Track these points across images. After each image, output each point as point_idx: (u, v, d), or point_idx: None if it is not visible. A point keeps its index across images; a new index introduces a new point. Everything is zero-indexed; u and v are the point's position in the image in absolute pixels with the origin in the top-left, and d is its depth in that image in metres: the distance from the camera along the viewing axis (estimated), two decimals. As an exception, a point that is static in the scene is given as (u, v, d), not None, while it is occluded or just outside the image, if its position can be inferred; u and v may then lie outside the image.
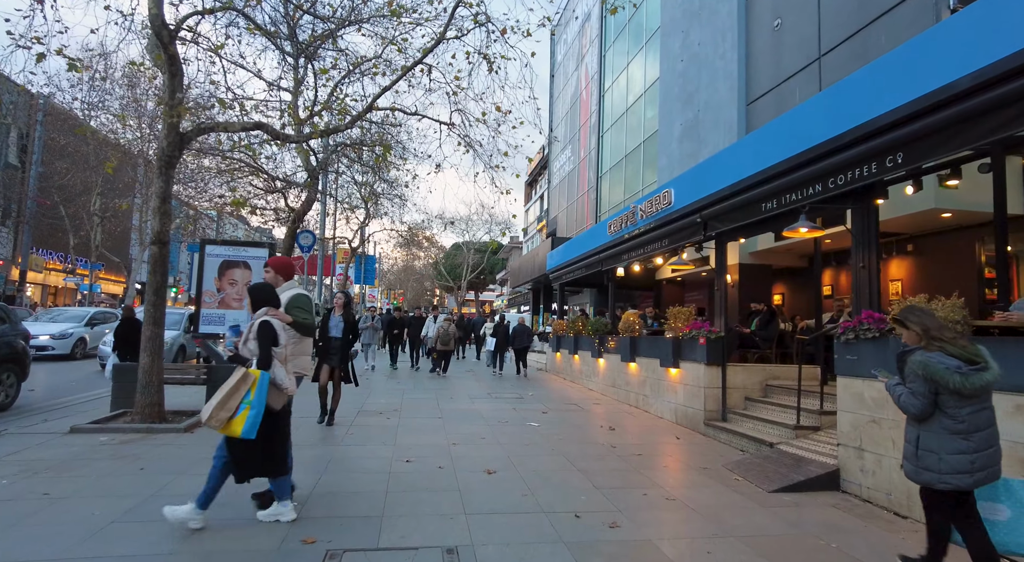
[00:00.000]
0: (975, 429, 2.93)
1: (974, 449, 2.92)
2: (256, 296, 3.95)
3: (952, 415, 2.95)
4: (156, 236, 6.92)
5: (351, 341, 7.20)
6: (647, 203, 9.21)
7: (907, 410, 3.10)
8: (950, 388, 2.90)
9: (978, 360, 2.95)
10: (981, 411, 2.96)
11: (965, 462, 2.92)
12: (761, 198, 6.42)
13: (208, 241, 10.38)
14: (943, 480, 2.97)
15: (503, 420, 8.01)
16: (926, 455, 3.03)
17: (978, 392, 2.93)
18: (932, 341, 3.05)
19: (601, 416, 8.69)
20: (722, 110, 13.37)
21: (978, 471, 2.92)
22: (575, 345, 13.19)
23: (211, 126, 7.04)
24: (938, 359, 2.97)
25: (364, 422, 7.55)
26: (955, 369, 2.92)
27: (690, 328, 7.89)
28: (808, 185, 5.62)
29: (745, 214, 6.81)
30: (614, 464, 5.78)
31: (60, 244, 30.48)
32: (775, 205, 6.23)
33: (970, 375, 2.90)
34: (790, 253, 12.19)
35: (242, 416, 3.57)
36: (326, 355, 7.12)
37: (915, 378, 3.03)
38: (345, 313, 7.21)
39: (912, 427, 3.14)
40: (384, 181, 16.71)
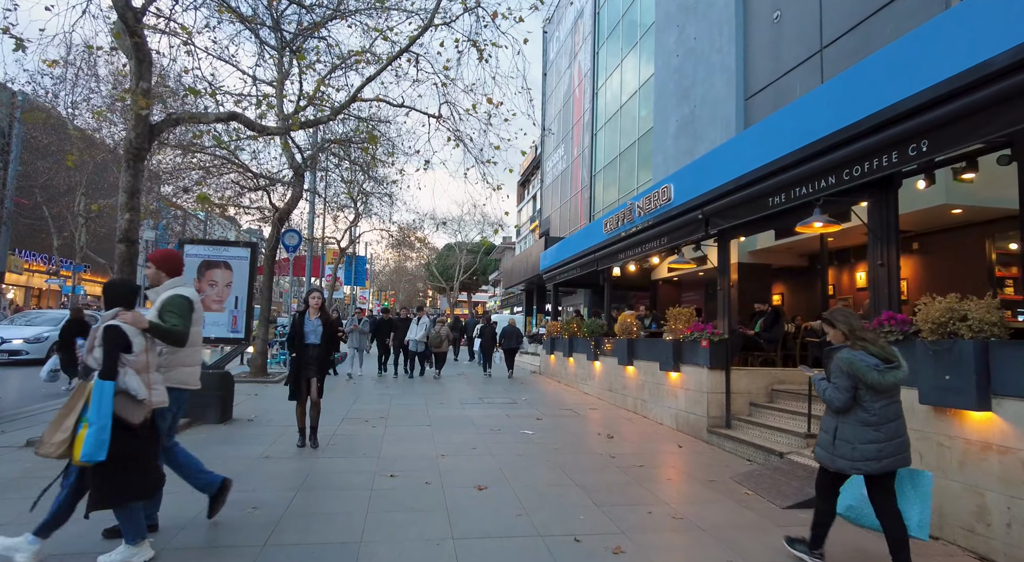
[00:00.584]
0: (885, 421, 3.23)
1: (883, 439, 3.22)
2: (107, 295, 3.38)
3: (866, 408, 3.25)
4: (123, 234, 6.47)
5: (331, 348, 6.27)
6: (645, 199, 8.85)
7: (832, 403, 3.36)
8: (868, 383, 3.20)
9: (892, 359, 3.26)
10: (891, 405, 3.27)
11: (874, 450, 3.21)
12: (768, 192, 6.06)
13: (187, 240, 9.95)
14: (855, 467, 3.26)
15: (495, 428, 7.60)
16: (842, 444, 3.31)
17: (890, 388, 3.25)
18: (856, 341, 3.34)
19: (598, 422, 8.31)
20: (719, 105, 13.04)
21: (885, 458, 3.20)
22: (570, 347, 12.80)
23: (183, 117, 6.60)
24: (860, 357, 3.26)
25: (348, 431, 7.12)
26: (874, 366, 3.21)
27: (691, 330, 7.52)
28: (820, 177, 5.26)
29: (750, 210, 6.45)
30: (614, 477, 5.39)
31: (44, 245, 29.78)
32: (783, 199, 5.87)
33: (886, 372, 3.21)
34: (790, 252, 11.87)
35: (81, 436, 2.97)
36: (302, 366, 6.06)
37: (839, 374, 3.30)
38: (323, 315, 6.22)
39: (831, 419, 3.42)
40: (373, 179, 16.26)
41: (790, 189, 5.74)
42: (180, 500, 4.07)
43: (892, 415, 3.25)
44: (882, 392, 3.24)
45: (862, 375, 3.21)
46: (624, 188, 18.67)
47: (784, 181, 5.75)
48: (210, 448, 6.03)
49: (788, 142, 5.71)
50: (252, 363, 13.01)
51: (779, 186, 5.87)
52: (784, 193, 5.85)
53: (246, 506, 4.23)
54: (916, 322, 4.14)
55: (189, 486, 3.88)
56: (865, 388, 3.23)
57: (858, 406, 3.27)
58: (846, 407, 3.30)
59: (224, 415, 7.56)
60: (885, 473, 3.25)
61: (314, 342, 6.10)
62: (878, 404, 3.24)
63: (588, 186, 22.09)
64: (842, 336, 3.41)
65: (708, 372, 7.10)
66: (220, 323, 9.45)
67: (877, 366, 3.22)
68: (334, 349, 6.40)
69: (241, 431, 7.01)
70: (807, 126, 5.40)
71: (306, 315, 6.17)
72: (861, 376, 3.21)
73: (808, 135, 5.34)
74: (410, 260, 44.05)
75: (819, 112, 5.29)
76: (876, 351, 3.28)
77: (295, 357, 6.08)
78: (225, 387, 7.61)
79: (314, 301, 6.21)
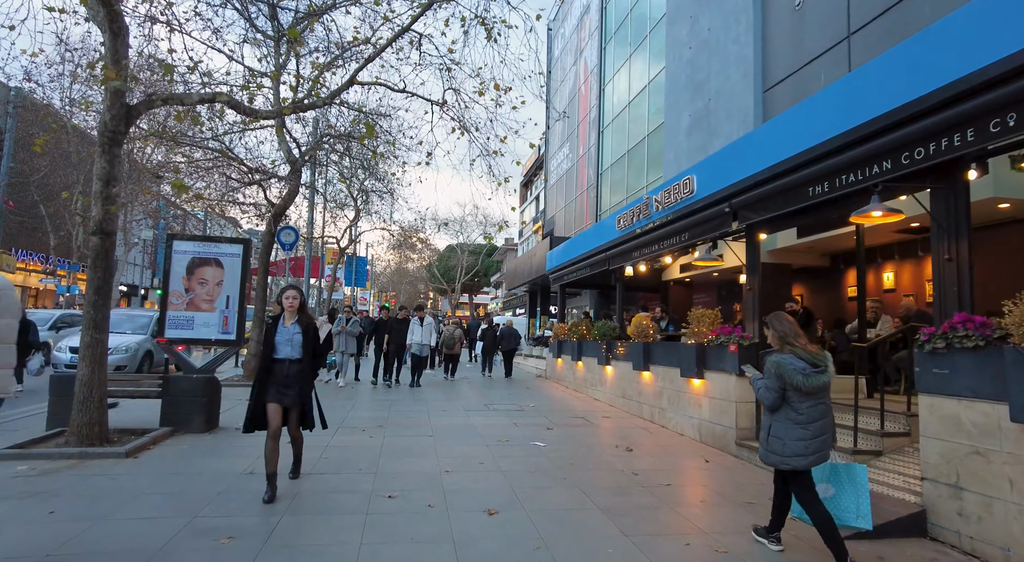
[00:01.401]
0: (812, 420, 3.45)
1: (810, 437, 3.44)
2: None
3: (795, 408, 3.48)
4: (97, 225, 5.89)
5: (316, 363, 4.76)
6: (664, 193, 8.25)
7: (763, 402, 3.63)
8: (794, 385, 3.43)
9: (820, 364, 3.47)
10: (817, 406, 3.48)
11: (801, 447, 3.44)
12: (808, 180, 5.46)
13: (176, 236, 9.40)
14: (785, 462, 3.49)
15: (503, 438, 7.01)
16: (774, 441, 3.54)
17: (816, 390, 3.45)
18: (786, 345, 3.56)
19: (614, 433, 7.71)
20: (735, 98, 12.46)
21: (811, 454, 3.45)
22: (578, 351, 12.20)
23: (163, 97, 6.02)
24: (789, 360, 3.48)
25: (343, 442, 6.53)
26: (800, 370, 3.43)
27: (717, 333, 6.93)
28: (874, 162, 4.67)
29: (786, 201, 5.86)
30: (640, 498, 4.79)
31: (40, 244, 29.24)
32: (826, 188, 5.28)
33: (811, 376, 3.43)
34: (811, 252, 11.28)
35: None
36: (269, 388, 4.48)
37: (769, 375, 3.55)
38: (302, 318, 4.66)
39: (767, 417, 3.64)
40: (373, 176, 15.70)
41: (835, 177, 5.15)
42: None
43: (818, 415, 3.49)
44: (809, 394, 3.46)
45: (788, 377, 3.45)
46: (633, 186, 18.09)
47: (829, 168, 5.16)
48: (190, 461, 5.45)
49: (834, 124, 5.13)
50: (246, 366, 12.45)
51: (822, 174, 5.28)
52: (827, 181, 5.25)
53: (220, 536, 3.64)
54: (1005, 325, 3.54)
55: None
56: (792, 389, 3.47)
57: (788, 406, 3.52)
58: (775, 406, 3.56)
59: (210, 423, 6.98)
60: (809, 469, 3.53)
61: (290, 355, 4.53)
62: (805, 404, 3.47)
63: (594, 185, 21.51)
64: (777, 340, 3.63)
65: (737, 379, 6.50)
66: (211, 324, 8.91)
67: (804, 370, 3.44)
68: (319, 364, 4.88)
69: (227, 441, 6.43)
70: (860, 104, 4.81)
71: (280, 320, 4.64)
72: (787, 378, 3.45)
73: (861, 114, 4.75)
74: (411, 261, 43.53)
75: (877, 87, 4.69)
76: (804, 355, 3.49)
77: (262, 374, 4.51)
78: (210, 392, 7.03)
79: (289, 302, 4.62)
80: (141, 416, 7.27)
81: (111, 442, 5.89)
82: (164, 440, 6.35)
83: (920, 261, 9.48)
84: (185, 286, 9.14)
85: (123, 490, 4.51)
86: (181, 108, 5.79)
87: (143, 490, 4.55)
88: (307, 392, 4.67)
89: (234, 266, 8.92)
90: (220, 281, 8.96)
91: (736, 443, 6.47)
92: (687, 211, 7.65)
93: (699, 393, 7.23)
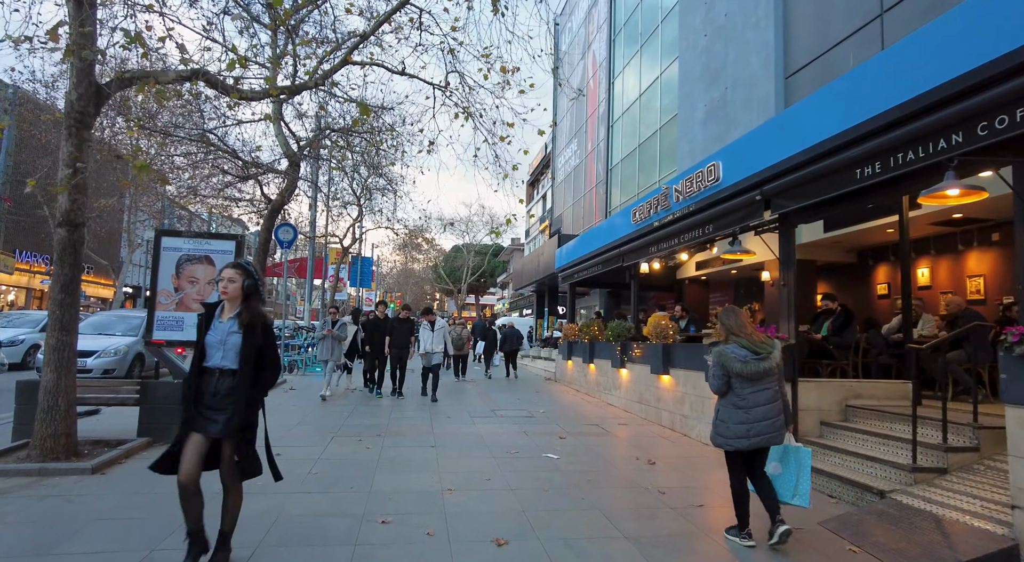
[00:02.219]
0: (753, 405, 3.67)
1: (751, 421, 3.66)
2: None
3: (738, 394, 3.72)
4: (64, 216, 5.33)
5: (264, 378, 3.18)
6: (685, 182, 7.62)
7: (711, 388, 3.89)
8: (733, 371, 3.71)
9: (761, 352, 3.71)
10: (760, 392, 3.69)
11: (743, 430, 3.67)
12: (856, 161, 4.84)
13: (164, 232, 8.89)
14: (728, 443, 3.74)
15: (512, 448, 6.40)
16: (720, 424, 3.80)
17: (756, 376, 3.69)
18: (731, 336, 3.83)
19: (632, 443, 7.08)
20: (755, 86, 11.81)
21: (753, 437, 3.65)
22: (590, 353, 11.57)
23: (138, 75, 5.46)
24: (731, 350, 3.75)
25: (335, 453, 5.94)
26: (740, 358, 3.70)
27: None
28: (941, 135, 4.05)
29: (829, 185, 5.23)
30: (671, 523, 4.18)
31: (44, 245, 28.91)
32: (878, 169, 4.65)
33: (749, 362, 3.68)
34: (837, 247, 10.64)
35: None
36: (193, 411, 3.09)
37: (715, 363, 3.80)
38: (245, 311, 3.12)
39: (717, 403, 3.88)
40: (375, 170, 15.16)
41: (890, 155, 4.52)
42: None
43: (761, 401, 3.70)
44: (750, 379, 3.71)
45: (728, 364, 3.74)
46: (644, 182, 17.45)
47: (883, 145, 4.54)
48: (162, 478, 4.84)
49: (889, 95, 4.50)
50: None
51: (873, 152, 4.66)
52: (880, 161, 4.62)
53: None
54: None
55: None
56: (734, 375, 3.74)
57: (732, 392, 3.77)
58: (721, 392, 3.84)
59: (192, 433, 6.40)
60: (756, 449, 3.74)
61: (221, 364, 3.07)
62: (747, 390, 3.72)
63: (604, 181, 20.87)
64: (724, 332, 3.91)
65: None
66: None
67: (744, 358, 3.71)
68: (269, 380, 3.22)
69: (209, 454, 5.85)
70: (923, 71, 4.18)
71: (216, 314, 3.16)
72: (727, 365, 3.74)
73: (925, 81, 4.12)
74: (417, 262, 43.04)
75: (946, 49, 4.06)
76: (747, 344, 3.75)
77: (185, 393, 3.14)
78: (194, 400, 6.44)
79: (223, 285, 3.11)
80: (121, 425, 6.72)
81: (80, 455, 5.33)
82: (140, 452, 5.79)
83: (959, 256, 8.81)
84: (174, 285, 8.64)
85: (77, 515, 3.94)
86: (167, 89, 5.21)
87: (101, 514, 3.98)
88: (246, 420, 3.05)
89: (226, 263, 8.41)
90: (211, 280, 8.45)
91: (770, 456, 5.83)
92: (712, 201, 7.02)
93: (727, 399, 6.58)
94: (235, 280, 3.12)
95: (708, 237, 7.32)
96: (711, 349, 4.11)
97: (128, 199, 25.04)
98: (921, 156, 4.20)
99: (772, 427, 3.67)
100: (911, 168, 4.34)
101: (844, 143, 4.98)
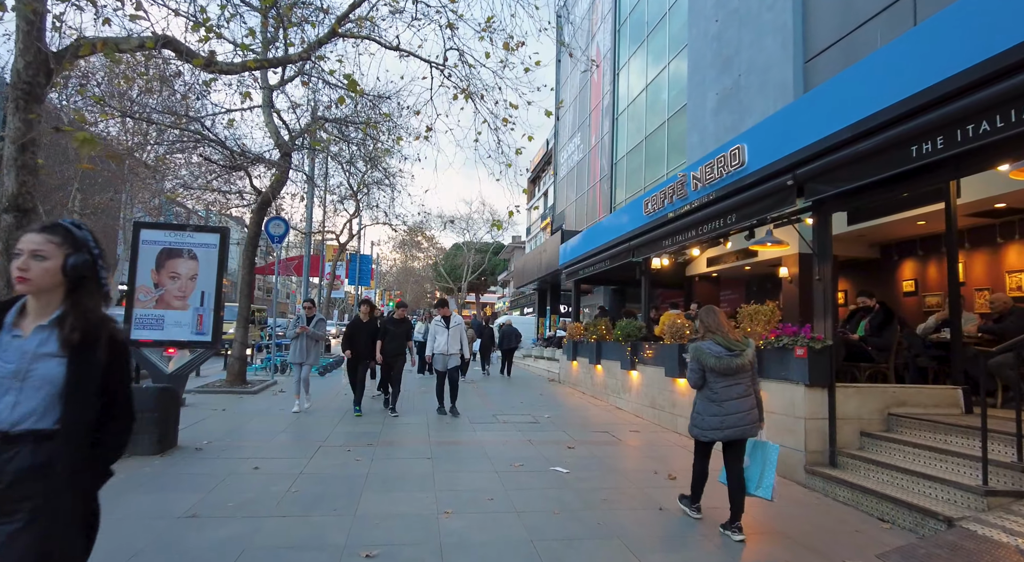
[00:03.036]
0: (726, 399, 3.97)
1: (723, 413, 3.96)
2: None
3: (712, 388, 4.03)
4: (11, 200, 4.72)
5: (116, 445, 1.72)
6: (704, 168, 7.00)
7: (688, 382, 4.21)
8: (708, 366, 4.01)
9: (734, 349, 4.01)
10: (732, 386, 3.99)
11: (716, 422, 3.98)
12: (914, 136, 4.22)
13: (144, 225, 8.33)
14: (704, 434, 4.07)
15: (517, 461, 5.78)
16: (697, 416, 4.13)
17: (729, 371, 3.97)
18: (707, 333, 4.14)
19: (648, 453, 6.47)
20: (771, 71, 11.18)
21: (727, 428, 3.95)
22: (597, 353, 10.95)
23: (94, 41, 4.84)
24: (707, 346, 4.07)
25: (319, 468, 5.33)
26: (714, 354, 4.00)
27: (777, 334, 5.68)
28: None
29: (876, 166, 4.60)
30: (705, 556, 3.56)
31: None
32: (940, 145, 4.03)
33: (722, 358, 3.98)
34: (860, 241, 10.01)
35: None
36: None
37: (692, 359, 4.14)
38: (78, 321, 1.63)
39: (695, 396, 4.19)
40: (371, 163, 14.54)
41: (956, 127, 3.90)
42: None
43: (734, 395, 3.94)
44: (723, 374, 3.96)
45: (702, 359, 4.00)
46: (651, 175, 16.82)
47: (946, 117, 3.92)
48: (121, 497, 4.26)
49: (953, 60, 3.87)
50: (229, 370, 11.30)
51: (934, 126, 4.04)
52: (943, 135, 4.00)
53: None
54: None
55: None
56: (708, 370, 3.99)
57: (707, 386, 4.03)
58: (697, 386, 4.10)
59: (164, 443, 5.79)
60: (730, 441, 3.98)
61: (14, 421, 1.54)
62: (720, 384, 3.97)
63: (608, 176, 20.24)
64: (702, 329, 4.15)
65: (805, 390, 5.24)
66: (183, 323, 7.88)
67: (718, 354, 3.96)
68: (120, 442, 1.74)
69: (179, 467, 5.25)
70: (1010, 23, 3.55)
71: (5, 322, 1.64)
72: (702, 360, 4.01)
73: (1009, 36, 3.50)
74: (417, 260, 42.43)
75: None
76: (721, 342, 4.01)
77: None
78: (165, 406, 5.84)
79: (24, 265, 1.62)
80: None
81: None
82: (101, 466, 5.18)
83: (997, 249, 8.17)
84: (154, 281, 8.10)
85: (5, 548, 3.32)
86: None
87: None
88: (66, 526, 1.56)
89: (210, 258, 7.89)
90: (194, 275, 7.92)
91: (806, 470, 5.22)
92: (735, 187, 6.40)
93: (753, 406, 5.97)
94: (45, 254, 1.63)
95: (730, 228, 6.69)
96: (689, 346, 4.31)
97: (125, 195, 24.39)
98: (1003, 126, 3.58)
99: (744, 420, 3.92)
100: (988, 140, 3.71)
101: (902, 114, 4.35)
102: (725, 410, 3.91)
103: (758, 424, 4.02)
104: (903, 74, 4.35)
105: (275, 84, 11.14)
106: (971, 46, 3.79)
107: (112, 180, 24.66)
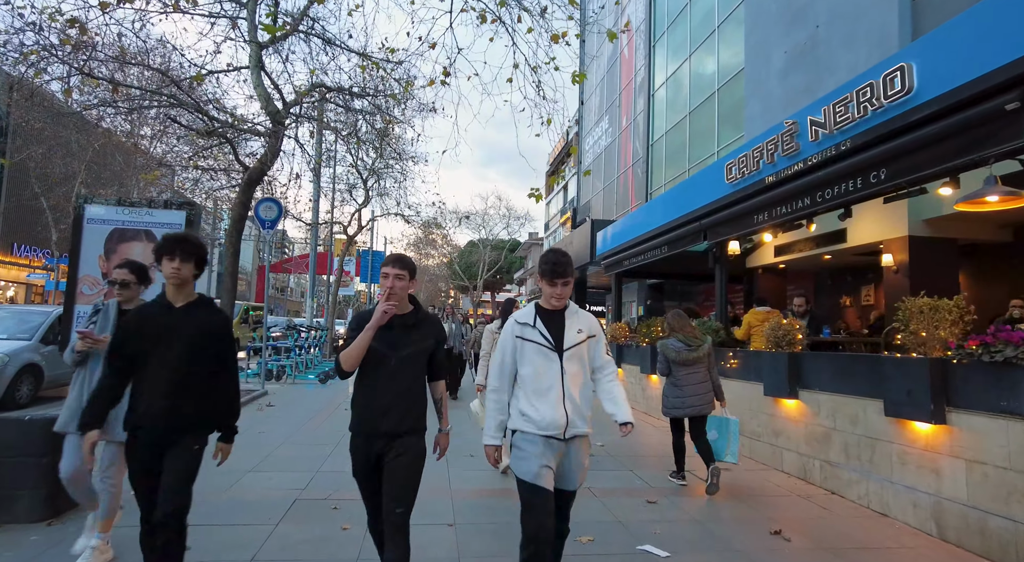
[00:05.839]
0: (685, 384, 4.92)
1: (684, 395, 4.91)
2: None
3: (675, 375, 4.99)
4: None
5: None
6: (834, 107, 5.00)
7: (657, 371, 5.30)
8: (670, 359, 4.97)
9: (692, 344, 4.95)
10: (691, 374, 4.94)
11: (679, 402, 4.93)
12: None
13: (89, 199, 6.70)
14: (671, 413, 5.04)
15: (586, 538, 3.85)
16: (665, 398, 5.08)
17: (688, 362, 4.93)
18: (672, 332, 5.08)
19: (753, 502, 4.52)
20: (863, 17, 9.15)
21: (687, 408, 4.90)
22: (651, 360, 9.00)
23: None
24: (671, 343, 5.01)
25: (292, 539, 3.47)
26: (675, 348, 4.95)
27: (978, 342, 3.71)
28: None
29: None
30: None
31: (42, 239, 27.02)
32: None
33: (681, 352, 4.93)
34: (987, 221, 7.94)
35: None
36: None
37: (659, 353, 5.07)
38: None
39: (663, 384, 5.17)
40: (383, 139, 12.72)
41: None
42: None
43: (692, 381, 4.92)
44: (682, 364, 4.95)
45: (666, 352, 5.00)
46: (696, 156, 14.82)
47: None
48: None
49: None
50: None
51: None
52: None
53: None
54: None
55: None
56: (671, 362, 4.98)
57: (672, 374, 5.01)
58: (664, 374, 5.09)
59: (51, 504, 3.89)
60: (693, 417, 4.93)
61: None
62: (681, 372, 4.96)
63: (643, 159, 18.23)
64: (667, 328, 5.19)
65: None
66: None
67: (679, 348, 4.95)
68: None
69: (63, 549, 3.39)
70: None
71: None
72: (665, 353, 5.01)
73: None
74: (431, 258, 40.68)
75: None
76: (683, 339, 4.98)
77: None
78: (54, 448, 3.97)
79: None
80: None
81: None
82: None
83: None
84: (103, 270, 6.53)
85: None
86: None
87: None
88: None
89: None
90: (153, 262, 6.07)
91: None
92: (892, 128, 4.41)
93: (935, 447, 3.98)
94: None
95: (875, 189, 4.70)
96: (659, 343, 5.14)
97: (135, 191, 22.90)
98: None
99: (702, 401, 4.90)
100: None
101: None
102: (685, 393, 4.90)
103: (713, 404, 4.96)
104: None
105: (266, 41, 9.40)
106: None
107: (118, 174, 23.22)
